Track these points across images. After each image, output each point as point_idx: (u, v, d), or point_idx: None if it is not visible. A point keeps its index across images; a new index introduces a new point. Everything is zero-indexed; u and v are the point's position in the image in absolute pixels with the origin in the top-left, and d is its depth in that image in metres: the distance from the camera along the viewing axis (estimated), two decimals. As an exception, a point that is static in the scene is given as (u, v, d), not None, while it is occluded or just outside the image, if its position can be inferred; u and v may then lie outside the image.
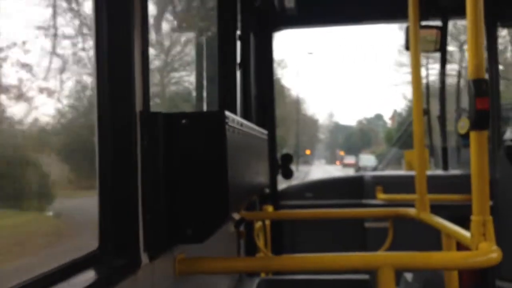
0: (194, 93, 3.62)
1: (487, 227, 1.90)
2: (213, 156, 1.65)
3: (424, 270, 2.00)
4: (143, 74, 1.61)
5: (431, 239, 2.98)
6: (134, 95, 1.55)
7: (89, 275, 1.36)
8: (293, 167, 4.48)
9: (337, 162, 70.59)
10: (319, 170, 43.84)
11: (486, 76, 1.96)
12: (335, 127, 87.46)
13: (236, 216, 2.94)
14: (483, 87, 1.90)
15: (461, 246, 2.29)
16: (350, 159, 56.36)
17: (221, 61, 3.18)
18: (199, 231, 1.66)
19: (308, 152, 64.03)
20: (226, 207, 1.64)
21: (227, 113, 1.71)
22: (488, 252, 1.84)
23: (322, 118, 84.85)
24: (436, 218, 2.71)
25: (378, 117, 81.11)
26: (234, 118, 1.83)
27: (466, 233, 2.11)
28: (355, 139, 76.55)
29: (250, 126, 2.34)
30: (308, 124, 64.76)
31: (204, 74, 3.51)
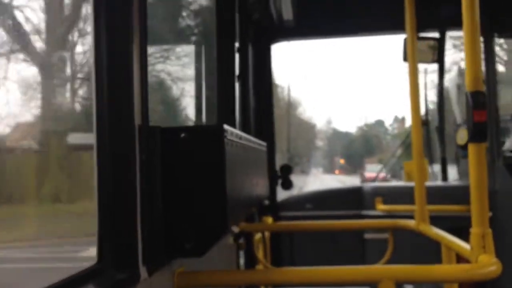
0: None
1: (487, 239, 1.89)
2: (211, 170, 1.65)
3: (424, 283, 2.00)
4: (142, 87, 1.61)
5: (431, 250, 2.98)
6: (133, 109, 1.55)
7: None
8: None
9: (336, 171, 67.35)
10: (318, 183, 33.08)
11: (484, 88, 1.97)
12: (333, 134, 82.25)
13: (235, 228, 2.94)
14: (481, 100, 1.90)
15: (460, 256, 2.29)
16: (371, 171, 34.93)
17: (220, 73, 3.19)
18: (198, 245, 1.66)
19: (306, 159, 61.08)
20: (225, 220, 1.64)
21: (226, 126, 1.71)
22: (488, 265, 1.84)
23: (319, 124, 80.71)
24: (435, 230, 2.70)
25: (379, 123, 76.21)
26: (232, 132, 1.84)
27: (465, 245, 2.11)
28: (356, 146, 71.30)
29: (249, 139, 2.34)
30: (305, 129, 60.72)
31: (203, 86, 3.52)
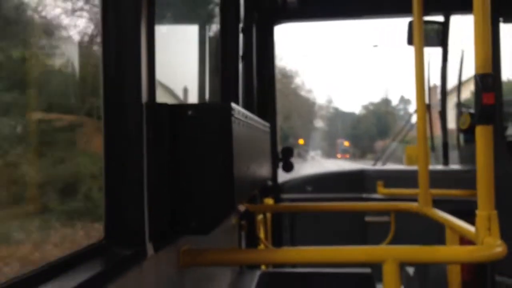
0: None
1: (492, 221, 1.89)
2: (219, 148, 1.64)
3: (429, 263, 2.00)
4: (149, 65, 1.60)
5: (431, 233, 2.99)
6: (140, 87, 1.55)
7: (95, 265, 1.36)
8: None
9: (338, 155, 58.83)
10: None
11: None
12: (334, 114, 72.48)
13: (241, 207, 2.95)
14: (490, 82, 1.89)
15: (463, 240, 2.29)
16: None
17: (224, 54, 3.18)
18: (204, 223, 1.66)
19: (301, 141, 52.31)
20: (232, 199, 1.64)
21: (233, 105, 1.70)
22: (494, 247, 1.84)
23: (319, 101, 72.07)
24: (439, 212, 2.71)
25: (386, 102, 65.72)
26: (239, 110, 1.83)
27: (470, 228, 2.11)
28: (365, 126, 60.37)
29: (254, 119, 2.33)
30: (303, 106, 53.35)
31: (207, 66, 3.51)
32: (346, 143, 62.32)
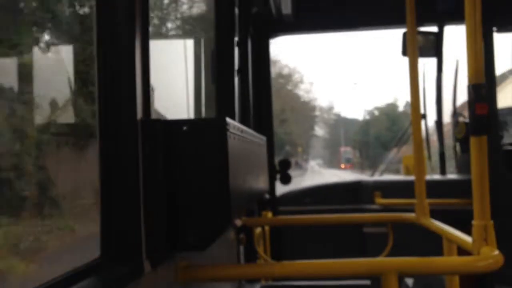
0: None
1: (489, 231, 1.90)
2: (214, 163, 1.65)
3: (427, 275, 2.00)
4: (144, 81, 1.61)
5: (429, 244, 2.98)
6: (135, 103, 1.55)
7: (92, 283, 1.36)
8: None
9: (342, 165, 52.61)
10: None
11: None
12: (336, 121, 64.55)
13: (238, 222, 2.94)
14: (482, 92, 1.90)
15: (461, 250, 2.29)
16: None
17: (220, 67, 3.18)
18: (201, 238, 1.66)
19: (299, 150, 48.43)
20: (228, 214, 1.64)
21: (228, 119, 1.71)
22: (490, 257, 1.84)
23: (320, 107, 62.14)
24: (436, 223, 2.71)
25: (392, 107, 53.78)
26: (235, 125, 1.83)
27: (467, 238, 2.11)
28: (377, 130, 48.59)
29: (250, 132, 2.34)
30: (300, 107, 48.34)
31: (203, 79, 3.52)
32: (350, 152, 55.17)
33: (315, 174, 38.01)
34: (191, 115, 3.59)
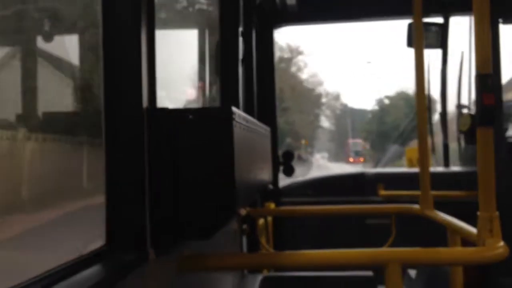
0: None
1: (494, 223, 1.89)
2: (220, 152, 1.64)
3: (431, 266, 2.00)
4: (149, 70, 1.61)
5: (432, 235, 2.98)
6: (141, 92, 1.55)
7: (97, 270, 1.36)
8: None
9: (351, 159, 47.88)
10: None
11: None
12: (343, 112, 58.40)
13: (243, 212, 2.94)
14: (490, 82, 1.89)
15: (466, 242, 2.29)
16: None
17: (224, 58, 3.18)
18: (206, 228, 1.66)
19: (303, 142, 43.44)
20: (233, 203, 1.64)
21: (234, 108, 1.70)
22: (495, 248, 1.84)
23: (327, 93, 55.39)
24: (441, 215, 2.70)
25: (402, 96, 46.54)
26: (240, 114, 1.83)
27: (472, 229, 2.11)
28: (393, 119, 41.92)
29: (255, 122, 2.33)
30: (305, 96, 43.94)
31: (207, 70, 3.51)
32: (363, 144, 49.75)
33: (322, 169, 33.72)
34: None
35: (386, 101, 49.83)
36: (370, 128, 49.68)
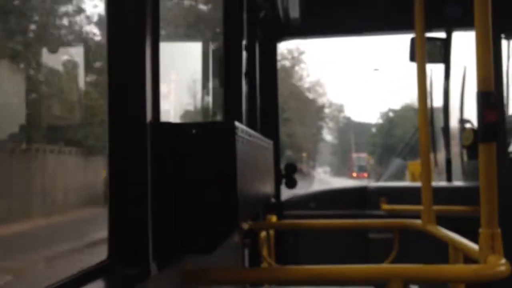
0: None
1: (496, 240, 1.89)
2: (222, 166, 1.65)
3: (433, 282, 2.00)
4: (153, 84, 1.62)
5: (435, 250, 2.97)
6: (145, 106, 1.56)
7: (99, 285, 1.36)
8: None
9: (354, 174, 46.72)
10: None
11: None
12: (346, 125, 57.54)
13: (245, 225, 2.94)
14: (492, 99, 1.90)
15: (467, 258, 2.28)
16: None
17: (227, 71, 3.19)
18: (208, 242, 1.66)
19: (304, 155, 42.46)
20: (236, 217, 1.64)
21: (237, 123, 1.71)
22: (497, 265, 1.84)
23: (330, 103, 52.74)
24: (443, 230, 2.70)
25: (407, 108, 43.22)
26: (243, 129, 1.84)
27: (473, 246, 2.10)
28: (400, 132, 38.23)
29: (258, 136, 2.34)
30: (308, 109, 42.88)
31: (211, 83, 3.52)
32: (368, 158, 47.49)
33: (324, 185, 30.37)
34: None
35: (391, 114, 48.04)
36: (376, 142, 47.42)
